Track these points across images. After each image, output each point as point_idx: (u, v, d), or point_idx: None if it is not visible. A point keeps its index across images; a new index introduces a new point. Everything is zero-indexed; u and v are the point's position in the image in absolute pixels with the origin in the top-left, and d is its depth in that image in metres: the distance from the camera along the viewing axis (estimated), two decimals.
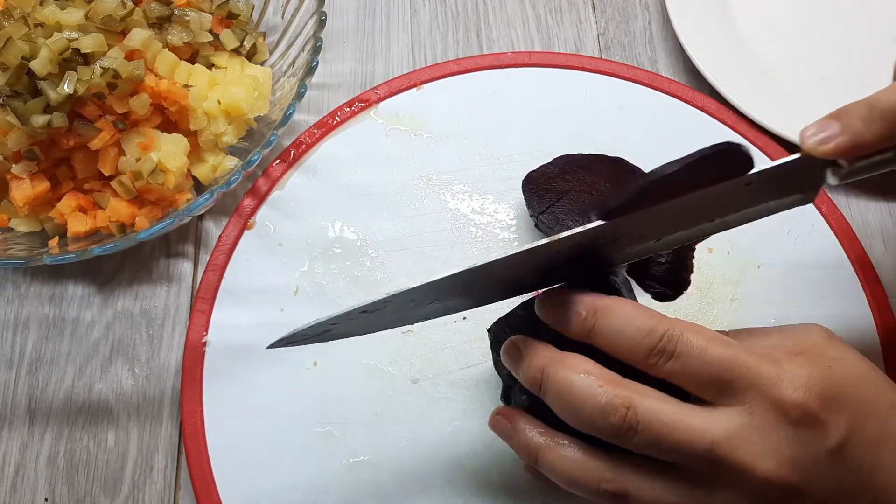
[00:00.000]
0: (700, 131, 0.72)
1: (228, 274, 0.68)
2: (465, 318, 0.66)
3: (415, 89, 0.76)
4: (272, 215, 0.70)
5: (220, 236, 0.69)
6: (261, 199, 0.70)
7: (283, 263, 0.68)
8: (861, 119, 0.46)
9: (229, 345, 0.65)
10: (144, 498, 0.63)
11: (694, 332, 0.44)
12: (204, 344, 0.65)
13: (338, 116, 0.74)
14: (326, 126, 0.73)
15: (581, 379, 0.44)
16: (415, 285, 0.45)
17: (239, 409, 0.63)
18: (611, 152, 0.70)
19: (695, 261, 0.67)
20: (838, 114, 0.47)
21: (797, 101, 0.75)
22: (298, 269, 0.68)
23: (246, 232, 0.69)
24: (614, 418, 0.43)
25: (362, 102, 0.75)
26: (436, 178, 0.72)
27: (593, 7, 0.83)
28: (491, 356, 0.57)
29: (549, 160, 0.69)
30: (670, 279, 0.66)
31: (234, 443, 0.62)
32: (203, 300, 0.66)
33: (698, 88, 0.78)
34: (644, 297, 0.66)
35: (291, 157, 0.72)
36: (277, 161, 0.72)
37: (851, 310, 0.66)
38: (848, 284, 0.67)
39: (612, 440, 0.44)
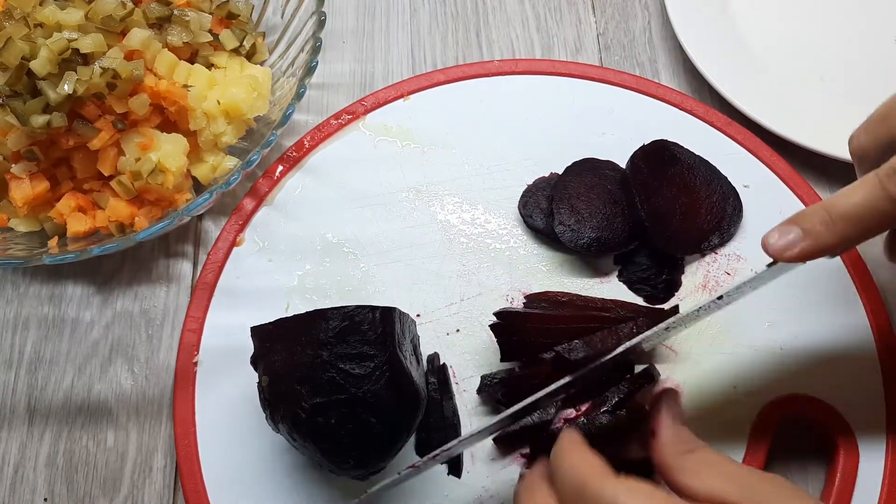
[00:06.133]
0: (690, 135, 0.72)
1: (222, 282, 0.67)
2: (458, 331, 0.66)
3: (402, 100, 0.75)
4: (260, 231, 0.69)
5: (208, 254, 0.68)
6: (248, 216, 0.70)
7: (273, 279, 0.67)
8: (822, 223, 0.47)
9: (223, 351, 0.65)
10: (143, 498, 0.63)
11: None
12: (197, 351, 0.65)
13: (324, 129, 0.73)
14: (314, 139, 0.73)
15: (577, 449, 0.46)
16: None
17: (232, 413, 0.63)
18: (600, 157, 0.71)
19: (687, 265, 0.68)
20: (798, 218, 0.48)
21: (797, 101, 0.75)
22: (287, 285, 0.67)
23: (235, 248, 0.68)
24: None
25: (349, 114, 0.74)
26: (425, 190, 0.71)
27: (593, 7, 0.83)
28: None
29: (538, 168, 0.71)
30: (661, 281, 0.66)
31: (226, 448, 0.62)
32: (196, 308, 0.66)
33: (697, 88, 0.78)
34: (637, 300, 0.66)
35: (278, 173, 0.71)
36: (262, 178, 0.71)
37: (846, 311, 0.66)
38: (842, 285, 0.67)
39: None
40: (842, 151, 0.71)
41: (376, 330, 0.53)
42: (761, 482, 0.43)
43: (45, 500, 0.63)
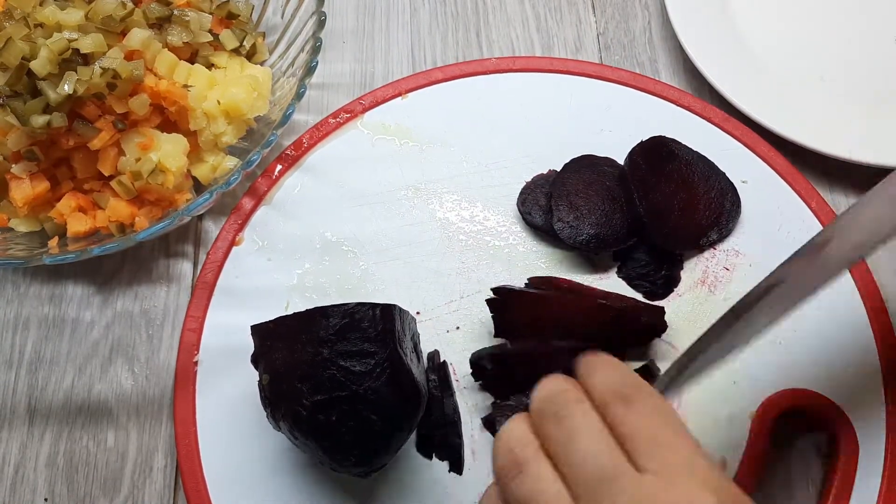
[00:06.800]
0: (688, 131, 0.72)
1: (221, 281, 0.67)
2: (457, 328, 0.65)
3: (400, 98, 0.75)
4: (259, 231, 0.69)
5: (207, 254, 0.68)
6: (247, 215, 0.70)
7: (272, 278, 0.67)
8: None
9: (223, 350, 0.65)
10: (144, 498, 0.63)
11: None
12: (197, 350, 0.65)
13: (323, 128, 0.73)
14: (313, 138, 0.73)
15: (558, 377, 0.45)
16: None
17: (233, 412, 0.63)
18: (599, 154, 0.71)
19: (686, 260, 0.67)
20: None
21: (797, 101, 0.75)
22: (287, 283, 0.67)
23: (234, 248, 0.68)
24: (554, 403, 0.43)
25: (347, 113, 0.74)
26: (424, 188, 0.71)
27: (593, 7, 0.83)
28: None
29: (537, 165, 0.71)
30: (660, 277, 0.66)
31: (227, 447, 0.62)
32: (196, 308, 0.66)
33: (698, 88, 0.78)
34: (636, 296, 0.66)
35: (277, 172, 0.71)
36: (261, 177, 0.71)
37: (845, 305, 0.66)
38: (842, 281, 0.67)
39: (535, 419, 0.44)
40: (842, 151, 0.71)
41: (376, 327, 0.53)
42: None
43: (46, 500, 0.63)
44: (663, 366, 0.63)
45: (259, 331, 0.56)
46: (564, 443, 0.41)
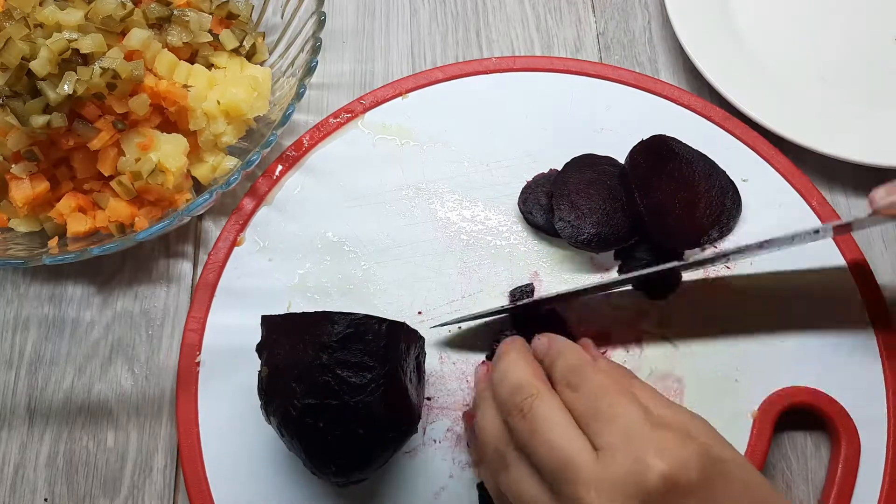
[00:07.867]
0: (688, 130, 0.72)
1: (223, 282, 0.67)
2: (459, 328, 0.66)
3: (400, 98, 0.75)
4: (260, 231, 0.69)
5: (209, 254, 0.68)
6: (248, 215, 0.70)
7: (274, 279, 0.67)
8: None
9: (225, 351, 0.64)
10: (144, 498, 0.63)
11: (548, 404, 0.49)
12: (199, 351, 0.65)
13: (323, 128, 0.73)
14: (313, 138, 0.73)
15: (519, 359, 0.52)
16: None
17: (234, 413, 0.62)
18: (599, 153, 0.71)
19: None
20: None
21: (797, 101, 0.75)
22: (288, 284, 0.67)
23: (235, 248, 0.68)
24: (518, 397, 0.49)
25: (348, 113, 0.74)
26: (425, 187, 0.71)
27: (593, 7, 0.83)
28: None
29: (537, 165, 0.71)
30: (661, 276, 0.66)
31: (229, 448, 0.62)
32: (197, 308, 0.66)
33: (698, 88, 0.78)
34: (636, 295, 0.66)
35: (278, 172, 0.71)
36: (262, 178, 0.71)
37: (845, 303, 0.66)
38: (841, 279, 0.67)
39: (504, 413, 0.50)
40: (842, 151, 0.71)
41: (379, 342, 0.53)
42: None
43: (46, 500, 0.63)
44: (664, 363, 0.63)
45: (268, 322, 0.56)
46: (528, 437, 0.47)
